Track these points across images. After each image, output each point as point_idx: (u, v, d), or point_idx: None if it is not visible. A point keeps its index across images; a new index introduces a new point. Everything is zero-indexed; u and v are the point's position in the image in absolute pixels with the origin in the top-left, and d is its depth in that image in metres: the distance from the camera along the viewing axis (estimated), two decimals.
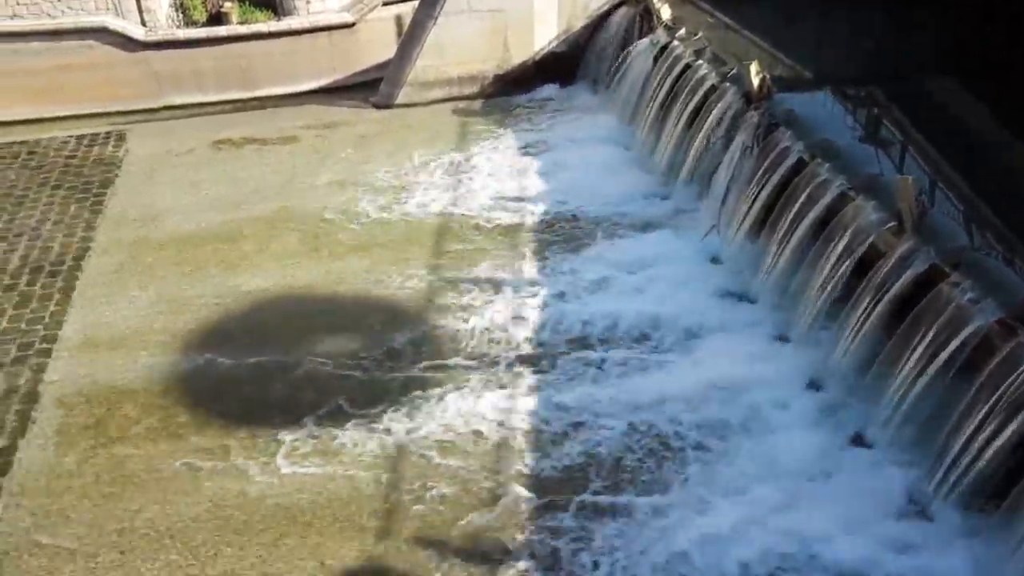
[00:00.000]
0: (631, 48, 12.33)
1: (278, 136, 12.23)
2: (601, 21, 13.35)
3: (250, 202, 10.59)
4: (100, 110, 12.81)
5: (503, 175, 11.03)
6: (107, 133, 12.37)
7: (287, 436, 7.10)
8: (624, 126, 11.83)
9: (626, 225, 9.85)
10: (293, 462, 6.87)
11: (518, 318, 8.39)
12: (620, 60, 12.48)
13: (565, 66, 13.46)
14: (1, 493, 6.65)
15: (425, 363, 7.86)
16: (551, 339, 8.11)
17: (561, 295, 8.71)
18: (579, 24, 13.39)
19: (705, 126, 9.90)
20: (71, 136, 12.25)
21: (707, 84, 10.23)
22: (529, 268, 9.16)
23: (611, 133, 11.80)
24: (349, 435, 7.08)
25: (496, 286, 8.89)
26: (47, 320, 8.56)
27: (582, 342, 8.06)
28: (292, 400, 7.49)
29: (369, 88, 13.43)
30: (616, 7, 13.17)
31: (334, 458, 6.88)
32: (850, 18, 10.95)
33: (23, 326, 8.48)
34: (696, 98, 10.30)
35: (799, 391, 7.32)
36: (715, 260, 9.06)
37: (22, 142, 12.08)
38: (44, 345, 8.21)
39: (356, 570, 6.03)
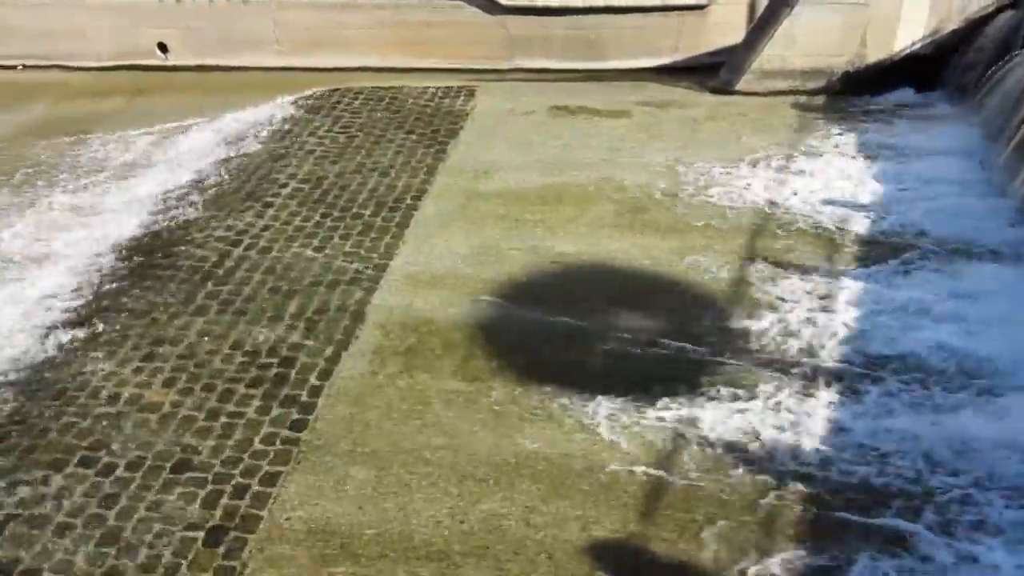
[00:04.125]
0: (1011, 56, 11.07)
1: (611, 109, 12.45)
2: (978, 25, 12.10)
3: (575, 169, 10.91)
4: (456, 66, 13.83)
5: (836, 178, 10.39)
6: (459, 88, 13.31)
7: (573, 401, 7.29)
8: (986, 143, 10.65)
9: (967, 251, 8.91)
10: (573, 426, 7.06)
11: (825, 329, 7.92)
12: (995, 69, 11.26)
13: (926, 70, 12.38)
14: (321, 395, 7.51)
15: (719, 355, 7.68)
16: (856, 359, 7.56)
17: (877, 314, 8.08)
18: (951, 26, 12.25)
19: None
20: (427, 87, 13.32)
21: None
22: (846, 280, 8.58)
23: (968, 148, 10.68)
24: (632, 412, 7.13)
25: (807, 292, 8.45)
26: (381, 250, 9.45)
27: (890, 369, 7.43)
28: (584, 367, 7.67)
29: (708, 72, 13.22)
30: (1000, 10, 11.87)
31: (613, 430, 6.97)
32: None
33: (362, 252, 9.44)
34: None
35: None
36: None
37: (387, 88, 13.35)
38: (375, 272, 9.09)
39: (615, 543, 6.09)
